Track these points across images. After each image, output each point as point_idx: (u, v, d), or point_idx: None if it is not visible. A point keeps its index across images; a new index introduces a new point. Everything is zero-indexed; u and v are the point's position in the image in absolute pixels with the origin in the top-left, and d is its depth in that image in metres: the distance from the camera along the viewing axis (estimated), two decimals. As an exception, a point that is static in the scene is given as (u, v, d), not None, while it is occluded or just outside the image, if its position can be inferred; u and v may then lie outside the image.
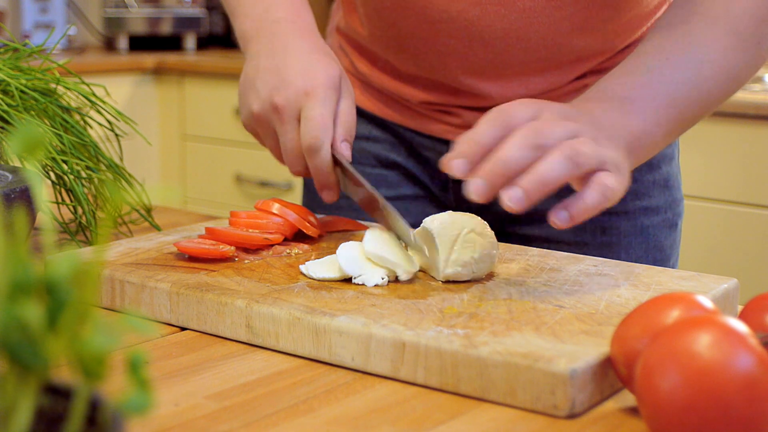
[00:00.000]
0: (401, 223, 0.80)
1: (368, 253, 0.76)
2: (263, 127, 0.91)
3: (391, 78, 1.09)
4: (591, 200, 0.70)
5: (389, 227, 0.82)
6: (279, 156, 0.92)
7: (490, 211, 0.90)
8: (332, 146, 0.86)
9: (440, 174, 1.09)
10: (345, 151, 0.87)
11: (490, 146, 0.70)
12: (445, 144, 1.08)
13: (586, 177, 0.72)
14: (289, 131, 0.88)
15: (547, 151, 0.69)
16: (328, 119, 0.86)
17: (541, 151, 0.69)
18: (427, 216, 0.80)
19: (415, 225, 0.82)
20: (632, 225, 1.05)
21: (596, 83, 0.86)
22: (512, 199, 0.68)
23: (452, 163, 0.70)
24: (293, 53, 0.90)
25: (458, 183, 1.09)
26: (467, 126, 1.06)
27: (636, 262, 0.94)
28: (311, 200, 1.18)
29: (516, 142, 0.69)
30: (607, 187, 0.71)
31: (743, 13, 0.87)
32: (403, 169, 1.12)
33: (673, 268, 1.08)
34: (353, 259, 0.76)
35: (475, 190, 0.69)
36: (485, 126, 0.72)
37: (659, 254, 1.08)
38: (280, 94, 0.87)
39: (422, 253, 0.77)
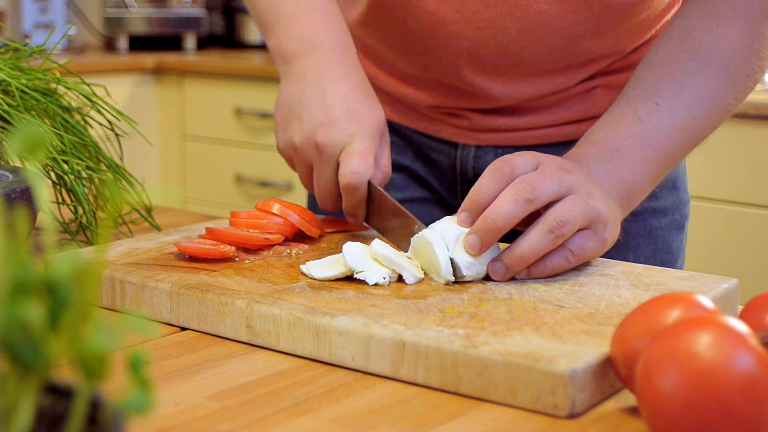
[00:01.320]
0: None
1: (375, 253, 0.76)
2: (300, 158, 0.91)
3: (398, 81, 1.08)
4: (551, 264, 0.77)
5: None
6: (309, 185, 0.93)
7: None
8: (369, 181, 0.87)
9: (448, 176, 1.09)
10: None
11: (489, 200, 0.77)
12: (453, 146, 1.08)
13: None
14: (327, 170, 0.89)
15: (537, 205, 0.75)
16: (371, 159, 0.87)
17: (532, 205, 0.75)
18: (435, 218, 0.81)
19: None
20: (640, 226, 1.04)
21: (588, 132, 0.88)
22: (496, 273, 0.76)
23: (458, 216, 0.78)
24: (341, 88, 0.90)
25: (466, 185, 1.08)
26: (475, 128, 1.06)
27: (644, 263, 0.94)
28: (315, 202, 1.18)
29: (508, 197, 0.75)
30: (574, 255, 0.77)
31: (732, 50, 0.88)
32: (411, 171, 1.12)
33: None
34: (358, 255, 0.76)
35: (470, 245, 0.75)
36: (487, 179, 0.77)
37: (667, 256, 1.07)
38: (325, 133, 0.88)
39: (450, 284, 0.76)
